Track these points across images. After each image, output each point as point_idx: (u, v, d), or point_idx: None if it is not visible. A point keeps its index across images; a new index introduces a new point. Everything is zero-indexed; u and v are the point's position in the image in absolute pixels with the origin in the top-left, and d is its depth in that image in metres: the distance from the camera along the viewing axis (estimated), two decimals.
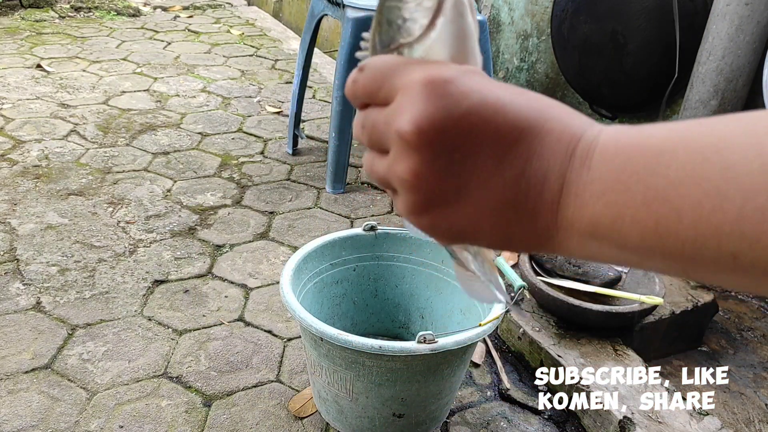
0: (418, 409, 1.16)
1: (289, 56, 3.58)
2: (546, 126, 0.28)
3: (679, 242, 0.24)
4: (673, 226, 0.24)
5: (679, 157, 0.25)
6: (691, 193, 0.24)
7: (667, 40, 1.75)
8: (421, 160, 0.29)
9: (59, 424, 1.21)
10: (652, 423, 1.17)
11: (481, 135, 0.28)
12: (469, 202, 0.29)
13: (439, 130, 0.28)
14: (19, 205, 1.93)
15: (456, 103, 0.28)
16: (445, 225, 0.30)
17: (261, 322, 1.51)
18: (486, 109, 0.28)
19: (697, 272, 0.25)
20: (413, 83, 0.29)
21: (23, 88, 2.83)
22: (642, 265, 0.28)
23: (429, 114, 0.28)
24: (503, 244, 0.30)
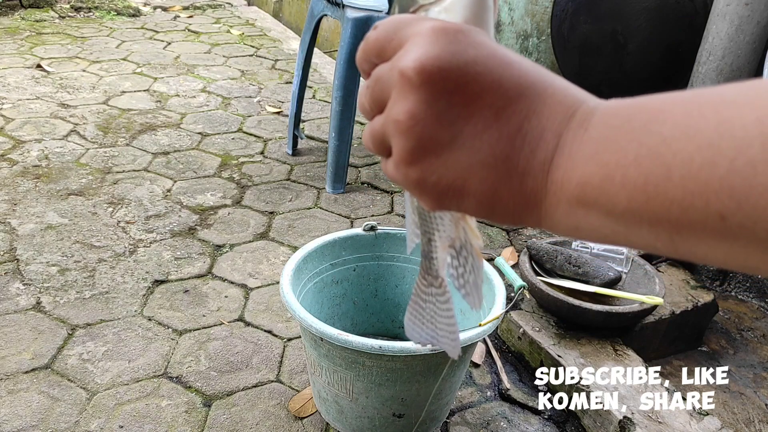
0: (418, 409, 1.16)
1: (289, 56, 3.58)
2: (549, 89, 0.28)
3: (667, 202, 0.24)
4: (662, 184, 0.24)
5: (675, 114, 0.24)
6: (683, 148, 0.23)
7: (667, 40, 1.75)
8: (420, 100, 0.28)
9: (59, 424, 1.21)
10: (652, 423, 1.17)
11: (484, 84, 0.28)
12: (462, 152, 0.28)
13: (443, 70, 0.28)
14: (19, 205, 1.93)
15: (463, 49, 0.28)
16: (434, 178, 0.29)
17: (261, 322, 1.51)
18: (492, 62, 0.28)
19: (684, 241, 0.25)
20: (423, 30, 0.29)
21: (23, 88, 2.83)
22: (629, 237, 0.26)
23: (434, 54, 0.28)
24: (489, 206, 0.29)
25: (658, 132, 0.24)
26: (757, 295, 1.73)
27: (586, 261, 1.47)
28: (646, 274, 1.46)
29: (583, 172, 0.26)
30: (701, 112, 0.24)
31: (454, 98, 0.28)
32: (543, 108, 0.28)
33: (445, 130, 0.28)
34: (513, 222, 0.30)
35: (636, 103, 0.26)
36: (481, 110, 0.28)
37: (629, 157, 0.25)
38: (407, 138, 0.29)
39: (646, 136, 0.25)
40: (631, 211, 0.25)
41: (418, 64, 0.28)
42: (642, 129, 0.25)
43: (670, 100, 0.25)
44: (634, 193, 0.25)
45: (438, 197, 0.30)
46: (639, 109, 0.26)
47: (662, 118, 0.25)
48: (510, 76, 0.28)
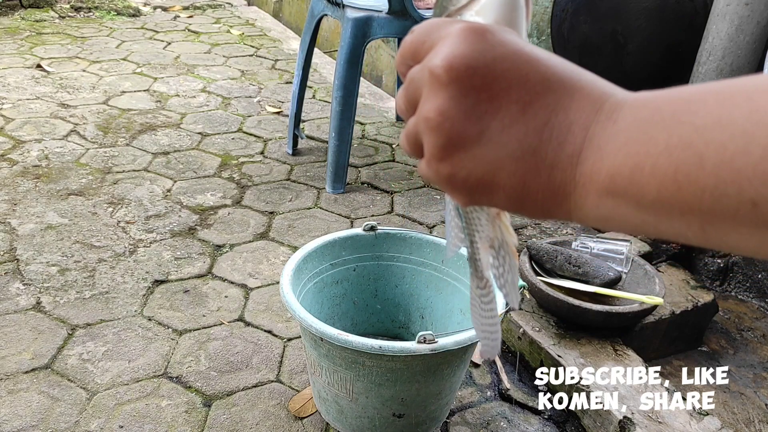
0: (418, 409, 1.16)
1: (289, 56, 3.58)
2: (577, 84, 0.29)
3: (699, 191, 0.24)
4: (694, 172, 0.24)
5: (708, 104, 0.24)
6: (716, 137, 0.23)
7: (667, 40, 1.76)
8: (448, 96, 0.29)
9: (59, 424, 1.21)
10: (652, 423, 1.17)
11: (511, 80, 0.28)
12: (490, 146, 0.29)
13: (470, 67, 0.28)
14: (19, 205, 1.93)
15: (491, 47, 0.29)
16: (464, 173, 0.30)
17: (261, 322, 1.51)
18: (519, 58, 0.29)
19: (716, 230, 0.25)
20: (453, 31, 0.30)
21: (23, 88, 2.83)
22: (659, 227, 0.27)
23: (462, 52, 0.29)
24: (519, 200, 0.29)
25: (690, 122, 0.24)
26: (757, 295, 1.73)
27: (586, 261, 1.47)
28: (646, 274, 1.46)
29: (613, 163, 0.26)
30: (734, 101, 0.24)
31: (482, 94, 0.29)
32: (570, 102, 0.28)
33: (474, 125, 0.29)
34: (543, 215, 0.30)
35: (665, 94, 0.26)
36: (509, 105, 0.28)
37: (659, 147, 0.25)
38: (437, 134, 0.29)
39: (677, 125, 0.25)
40: (661, 200, 0.25)
41: (447, 62, 0.29)
42: (672, 119, 0.25)
43: (702, 91, 0.25)
44: (665, 182, 0.25)
45: (469, 192, 0.30)
46: (669, 100, 0.26)
47: (693, 108, 0.25)
48: (536, 72, 0.28)
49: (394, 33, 1.97)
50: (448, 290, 1.33)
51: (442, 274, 1.34)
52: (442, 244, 1.32)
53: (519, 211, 0.30)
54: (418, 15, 1.92)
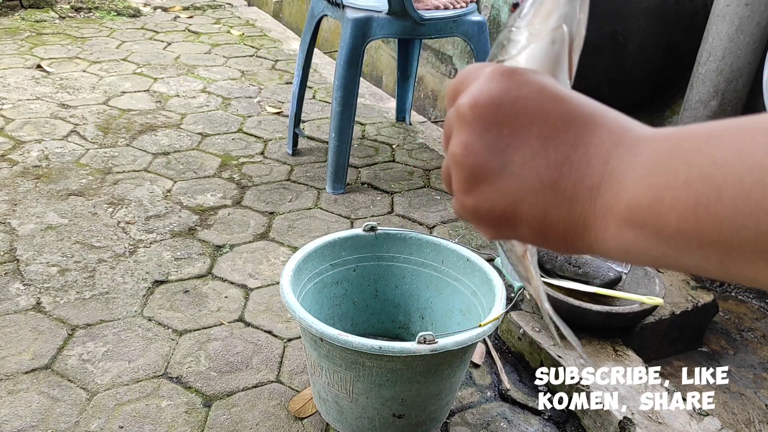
0: (418, 410, 1.16)
1: (289, 57, 3.58)
2: (599, 120, 0.30)
3: (717, 222, 0.24)
4: (713, 204, 0.24)
5: (726, 138, 0.25)
6: (734, 170, 0.24)
7: (667, 40, 1.76)
8: (472, 132, 0.31)
9: (59, 424, 1.21)
10: (652, 423, 1.17)
11: (533, 116, 0.30)
12: (512, 179, 0.30)
13: (493, 104, 0.30)
14: (19, 205, 1.93)
15: (516, 86, 0.30)
16: (488, 205, 0.31)
17: (261, 323, 1.51)
18: (542, 96, 0.30)
19: (735, 263, 0.25)
20: (484, 72, 0.31)
21: (23, 89, 2.83)
22: (680, 260, 0.27)
23: (486, 91, 0.30)
24: (541, 232, 0.30)
25: (710, 155, 0.25)
26: (757, 295, 1.73)
27: (586, 261, 1.47)
28: (646, 274, 1.46)
29: (632, 194, 0.27)
30: (753, 135, 0.24)
31: (504, 129, 0.30)
32: (591, 137, 0.29)
33: (496, 158, 0.30)
34: (566, 248, 0.31)
35: (685, 129, 0.27)
36: (530, 140, 0.30)
37: (679, 179, 0.25)
38: (462, 168, 0.31)
39: (696, 159, 0.25)
40: (681, 232, 0.26)
41: (472, 100, 0.31)
42: (692, 152, 0.26)
43: (721, 126, 0.26)
44: (684, 214, 0.25)
45: (494, 225, 0.32)
46: (688, 135, 0.27)
47: (713, 142, 0.25)
48: (558, 109, 0.30)
49: (393, 33, 1.97)
50: (448, 290, 1.33)
51: (442, 275, 1.34)
52: (442, 245, 1.32)
53: (542, 243, 0.31)
54: (417, 15, 1.92)
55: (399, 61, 2.60)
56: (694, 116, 1.62)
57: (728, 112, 1.59)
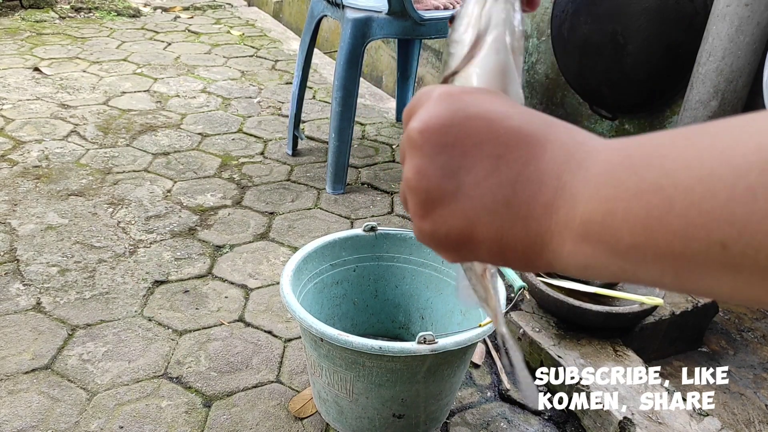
0: (418, 410, 1.16)
1: (289, 57, 3.58)
2: (551, 136, 0.29)
3: (669, 234, 0.24)
4: (664, 216, 0.24)
5: (676, 148, 0.25)
6: (684, 180, 0.23)
7: (667, 41, 1.76)
8: (423, 156, 0.30)
9: (59, 424, 1.21)
10: (652, 423, 1.17)
11: (483, 135, 0.29)
12: (466, 200, 0.30)
13: (443, 125, 0.30)
14: (19, 205, 1.93)
15: (464, 107, 0.30)
16: (445, 228, 0.31)
17: (261, 323, 1.51)
18: (492, 115, 0.30)
19: (689, 275, 0.25)
20: (431, 96, 0.31)
21: (23, 89, 2.83)
22: (636, 273, 0.27)
23: (434, 114, 0.30)
24: (499, 253, 0.30)
25: (659, 165, 0.25)
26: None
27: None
28: None
29: (585, 209, 0.27)
30: (702, 143, 0.24)
31: (455, 151, 0.30)
32: (543, 153, 0.29)
33: (449, 181, 0.30)
34: (527, 267, 0.30)
35: (637, 139, 0.27)
36: (481, 160, 0.29)
37: (630, 191, 0.25)
38: (416, 192, 0.31)
39: (646, 169, 0.25)
40: (634, 246, 0.25)
41: (421, 125, 0.30)
42: (642, 163, 0.25)
43: (670, 135, 0.26)
44: (636, 227, 0.25)
45: (452, 248, 0.31)
46: (639, 146, 0.26)
47: (663, 152, 0.25)
48: (509, 127, 0.29)
49: (393, 34, 1.97)
50: (448, 291, 1.33)
51: (442, 275, 1.34)
52: None
53: (503, 263, 0.31)
54: (417, 16, 1.92)
55: (399, 61, 2.60)
56: (694, 116, 1.62)
57: (728, 112, 1.59)
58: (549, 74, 2.26)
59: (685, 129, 0.26)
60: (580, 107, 2.15)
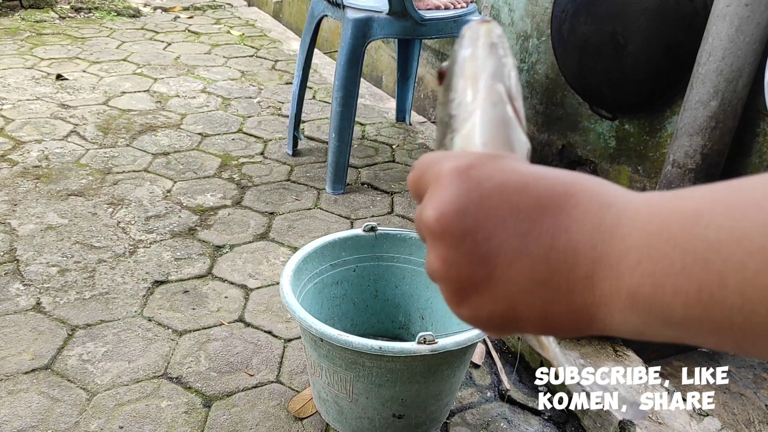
0: (418, 410, 1.16)
1: (289, 57, 3.58)
2: (572, 200, 0.28)
3: (726, 310, 0.23)
4: (718, 292, 0.22)
5: (716, 217, 0.23)
6: (733, 255, 0.22)
7: (667, 41, 1.76)
8: (447, 246, 0.29)
9: (59, 424, 1.21)
10: (652, 423, 1.17)
11: (504, 213, 0.28)
12: (501, 284, 0.28)
13: (460, 213, 0.28)
14: (19, 205, 1.93)
15: (477, 185, 0.28)
16: (485, 314, 0.29)
17: (261, 323, 1.51)
18: (507, 188, 0.28)
19: (753, 345, 0.23)
20: (440, 174, 0.30)
21: (23, 89, 2.83)
22: (695, 340, 0.25)
23: (449, 200, 0.29)
24: (548, 327, 0.29)
25: (703, 237, 0.23)
26: None
27: None
28: None
29: (631, 284, 0.25)
30: (744, 213, 0.22)
31: (478, 235, 0.28)
32: (570, 222, 0.27)
33: (479, 268, 0.28)
34: (580, 333, 0.29)
35: (670, 204, 0.25)
36: (508, 240, 0.28)
37: (676, 266, 0.24)
38: (447, 283, 0.30)
39: (689, 241, 0.23)
40: (689, 318, 0.24)
41: (437, 213, 0.29)
42: (683, 234, 0.24)
43: (708, 198, 0.24)
44: (689, 301, 0.24)
45: (497, 328, 0.30)
46: (675, 211, 0.25)
47: (702, 222, 0.23)
48: (528, 198, 0.28)
49: (394, 34, 1.97)
50: None
51: None
52: None
53: (551, 334, 0.30)
54: (418, 16, 1.92)
55: (399, 62, 2.60)
56: (694, 116, 1.62)
57: (728, 112, 1.59)
58: (549, 74, 2.26)
59: (718, 190, 0.24)
60: (580, 107, 2.15)
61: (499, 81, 0.33)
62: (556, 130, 2.27)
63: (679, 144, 1.66)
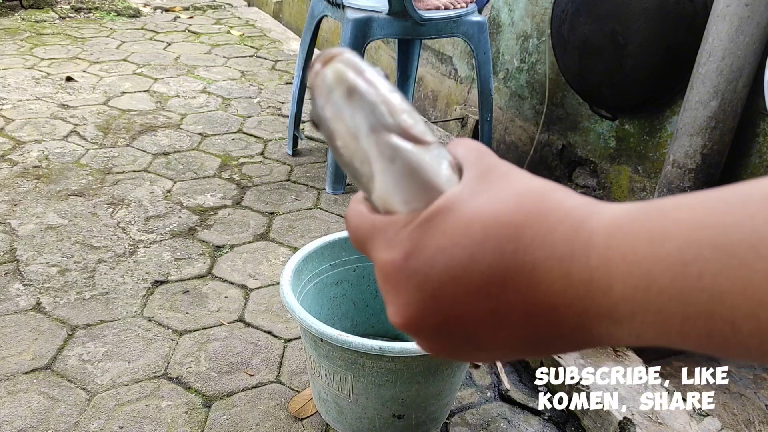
0: (418, 410, 1.16)
1: (290, 57, 3.58)
2: (527, 258, 0.25)
3: (743, 348, 0.21)
4: (731, 337, 0.21)
5: (709, 265, 0.21)
6: (740, 304, 0.20)
7: (666, 41, 1.76)
8: (425, 339, 0.29)
9: (59, 424, 1.21)
10: (652, 424, 1.17)
11: (464, 299, 0.26)
12: (490, 350, 0.28)
13: (423, 314, 0.27)
14: (19, 205, 1.93)
15: (424, 279, 0.26)
16: (487, 360, 0.30)
17: (261, 323, 1.51)
18: (455, 271, 0.26)
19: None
20: (383, 272, 0.28)
21: (23, 89, 2.83)
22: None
23: (405, 304, 0.27)
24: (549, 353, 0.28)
25: (699, 288, 0.21)
26: None
27: None
28: None
29: (632, 330, 0.23)
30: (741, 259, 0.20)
31: (451, 326, 0.27)
32: (536, 282, 0.25)
33: (465, 347, 0.28)
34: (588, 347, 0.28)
35: (645, 249, 0.22)
36: (482, 322, 0.26)
37: (677, 318, 0.22)
38: (443, 356, 0.30)
39: (684, 294, 0.21)
40: (707, 350, 0.23)
41: (402, 321, 0.28)
42: (675, 287, 0.22)
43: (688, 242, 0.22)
44: (700, 344, 0.22)
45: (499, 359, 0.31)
46: (655, 261, 0.22)
47: (693, 272, 0.21)
48: (480, 276, 0.25)
49: (394, 34, 1.97)
50: None
51: None
52: None
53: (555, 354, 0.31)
54: (418, 16, 1.92)
55: (399, 62, 2.60)
56: (694, 116, 1.62)
57: (728, 112, 1.59)
58: (549, 74, 2.26)
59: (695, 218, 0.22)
60: (580, 107, 2.15)
61: (381, 130, 0.28)
62: (556, 130, 2.27)
63: (679, 144, 1.66)
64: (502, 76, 2.52)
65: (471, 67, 2.69)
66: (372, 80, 0.29)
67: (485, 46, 2.07)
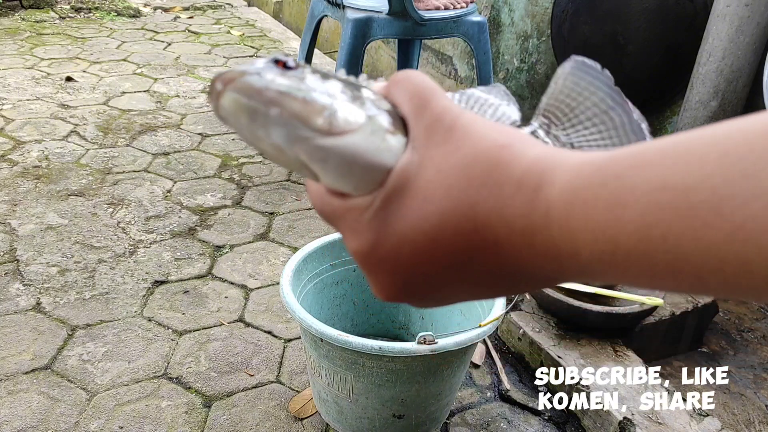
0: (418, 410, 1.16)
1: None
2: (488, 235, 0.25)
3: (712, 294, 0.22)
4: (698, 287, 0.22)
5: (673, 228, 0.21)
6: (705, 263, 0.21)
7: (667, 41, 1.76)
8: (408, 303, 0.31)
9: (59, 424, 1.21)
10: (652, 424, 1.17)
11: (438, 279, 0.28)
12: (461, 295, 0.29)
13: (402, 292, 0.29)
14: (19, 205, 1.93)
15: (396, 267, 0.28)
16: (448, 302, 0.30)
17: (261, 323, 1.51)
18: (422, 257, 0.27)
19: None
20: (352, 256, 0.30)
21: (23, 89, 2.83)
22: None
23: (385, 287, 0.29)
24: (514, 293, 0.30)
25: (663, 249, 0.21)
26: None
27: None
28: None
29: (603, 280, 0.25)
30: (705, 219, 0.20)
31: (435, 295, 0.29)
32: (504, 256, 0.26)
33: (446, 300, 0.30)
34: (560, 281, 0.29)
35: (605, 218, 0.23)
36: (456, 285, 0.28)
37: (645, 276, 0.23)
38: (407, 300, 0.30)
39: (649, 255, 0.22)
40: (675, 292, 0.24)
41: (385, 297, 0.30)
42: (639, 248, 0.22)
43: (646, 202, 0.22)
44: (670, 291, 0.23)
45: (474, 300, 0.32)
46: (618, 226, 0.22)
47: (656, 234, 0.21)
48: (445, 256, 0.26)
49: (394, 34, 1.97)
50: None
51: None
52: None
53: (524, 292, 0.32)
54: (418, 16, 1.92)
55: (399, 62, 2.60)
56: (694, 116, 1.62)
57: (728, 112, 1.59)
58: (549, 74, 2.26)
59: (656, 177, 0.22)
60: None
61: (300, 140, 0.27)
62: None
63: None
64: (502, 76, 2.52)
65: (471, 67, 2.69)
66: (273, 94, 0.27)
67: (485, 46, 2.07)
